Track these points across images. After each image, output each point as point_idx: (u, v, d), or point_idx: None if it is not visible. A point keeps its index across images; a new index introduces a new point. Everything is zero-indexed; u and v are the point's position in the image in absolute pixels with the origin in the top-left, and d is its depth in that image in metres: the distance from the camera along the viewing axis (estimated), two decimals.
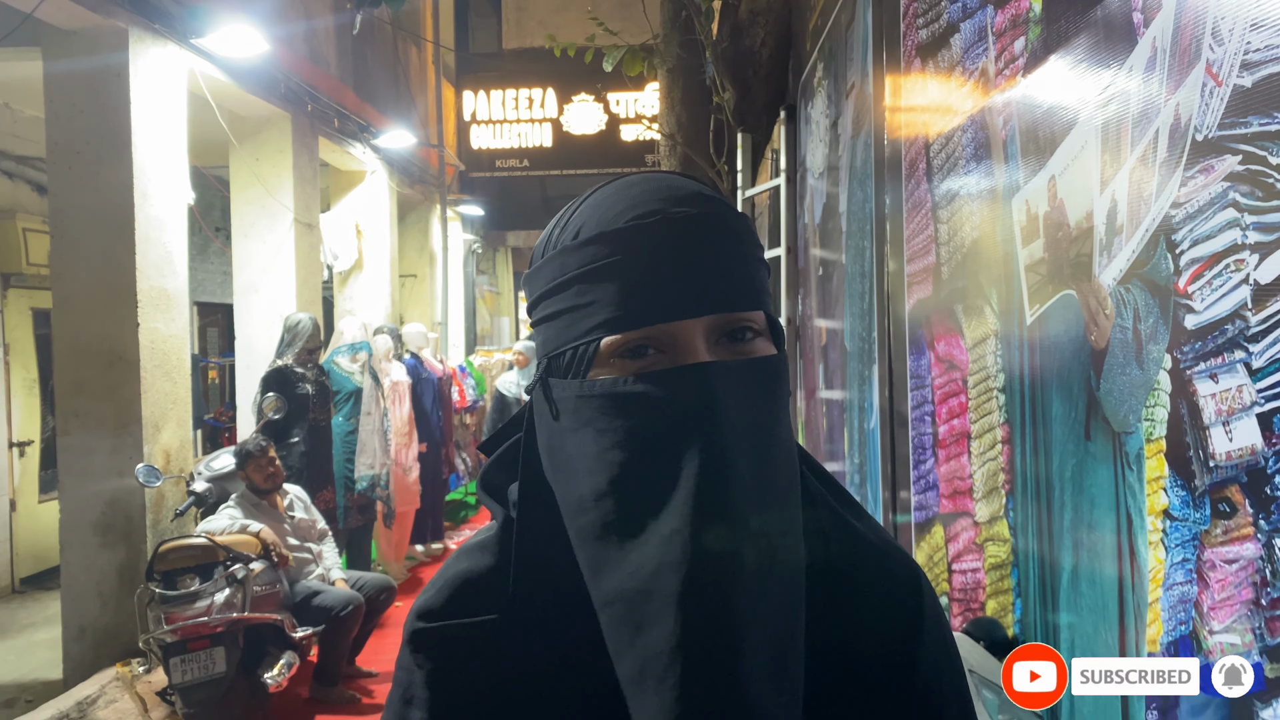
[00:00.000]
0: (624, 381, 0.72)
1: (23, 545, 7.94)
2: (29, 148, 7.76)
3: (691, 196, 0.76)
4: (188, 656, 4.17)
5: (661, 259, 0.72)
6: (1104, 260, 1.16)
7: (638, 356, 0.73)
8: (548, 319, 0.78)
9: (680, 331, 0.72)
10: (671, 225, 0.73)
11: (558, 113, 13.85)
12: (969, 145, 1.70)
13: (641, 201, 0.75)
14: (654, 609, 0.67)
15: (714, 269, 0.73)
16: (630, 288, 0.72)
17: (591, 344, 0.73)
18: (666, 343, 0.72)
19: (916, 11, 2.04)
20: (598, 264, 0.73)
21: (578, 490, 0.74)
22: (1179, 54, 0.98)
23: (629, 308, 0.72)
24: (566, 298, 0.75)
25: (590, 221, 0.76)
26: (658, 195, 0.75)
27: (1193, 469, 0.97)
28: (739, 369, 0.73)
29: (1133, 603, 1.11)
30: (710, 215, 0.74)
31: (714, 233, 0.74)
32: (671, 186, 0.77)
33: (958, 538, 1.84)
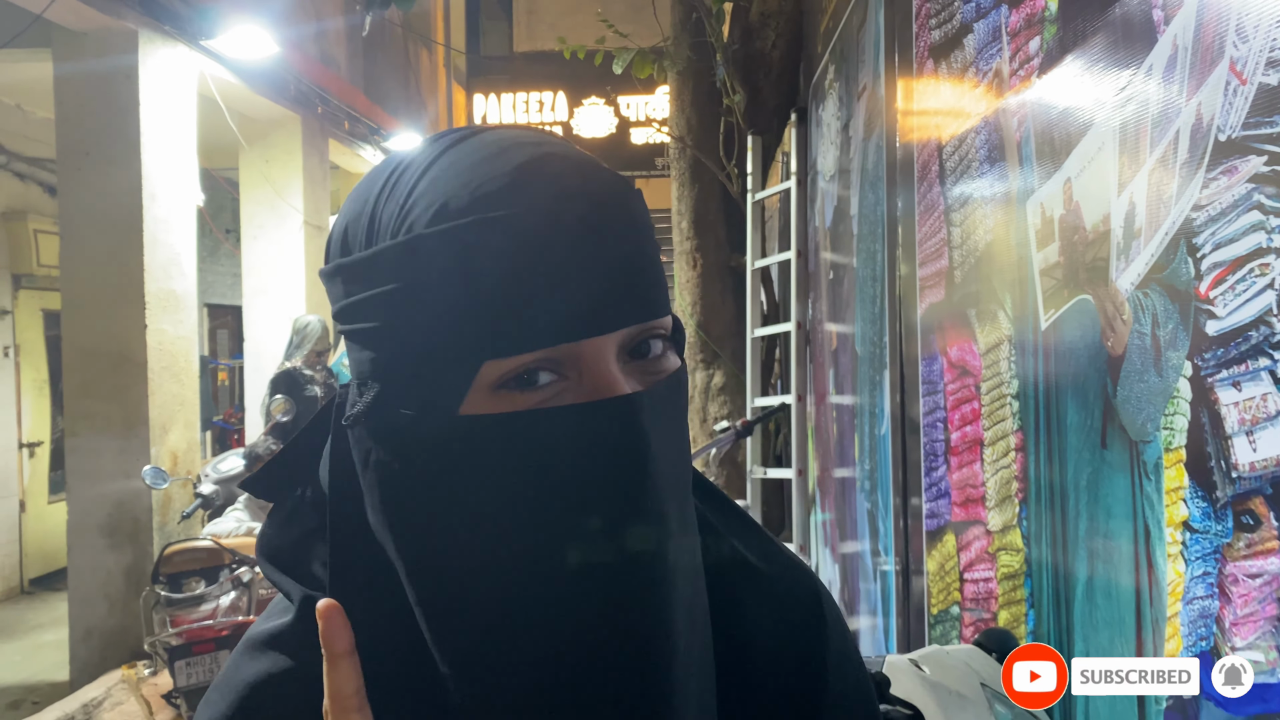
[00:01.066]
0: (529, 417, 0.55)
1: (32, 546, 7.96)
2: (40, 149, 7.78)
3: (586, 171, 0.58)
4: (193, 659, 4.16)
5: (565, 258, 0.54)
6: (1121, 264, 1.13)
7: (529, 386, 0.55)
8: (383, 332, 0.57)
9: (586, 351, 0.55)
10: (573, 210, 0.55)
11: (568, 116, 13.87)
12: (982, 147, 1.67)
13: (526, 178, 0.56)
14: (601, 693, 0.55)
15: (627, 269, 0.56)
16: (524, 296, 0.53)
17: (462, 372, 0.55)
18: (570, 366, 0.56)
19: (929, 12, 2.02)
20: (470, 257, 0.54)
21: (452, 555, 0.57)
22: (1201, 52, 0.95)
23: (522, 323, 0.53)
24: (420, 306, 0.55)
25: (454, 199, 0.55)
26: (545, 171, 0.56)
27: (1214, 480, 0.94)
28: (660, 395, 0.59)
29: (1150, 616, 1.08)
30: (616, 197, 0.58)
31: (624, 221, 0.57)
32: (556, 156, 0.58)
33: (970, 546, 1.82)
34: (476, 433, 0.55)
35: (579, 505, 0.54)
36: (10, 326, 7.82)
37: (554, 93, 13.90)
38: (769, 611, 0.70)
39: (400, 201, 0.57)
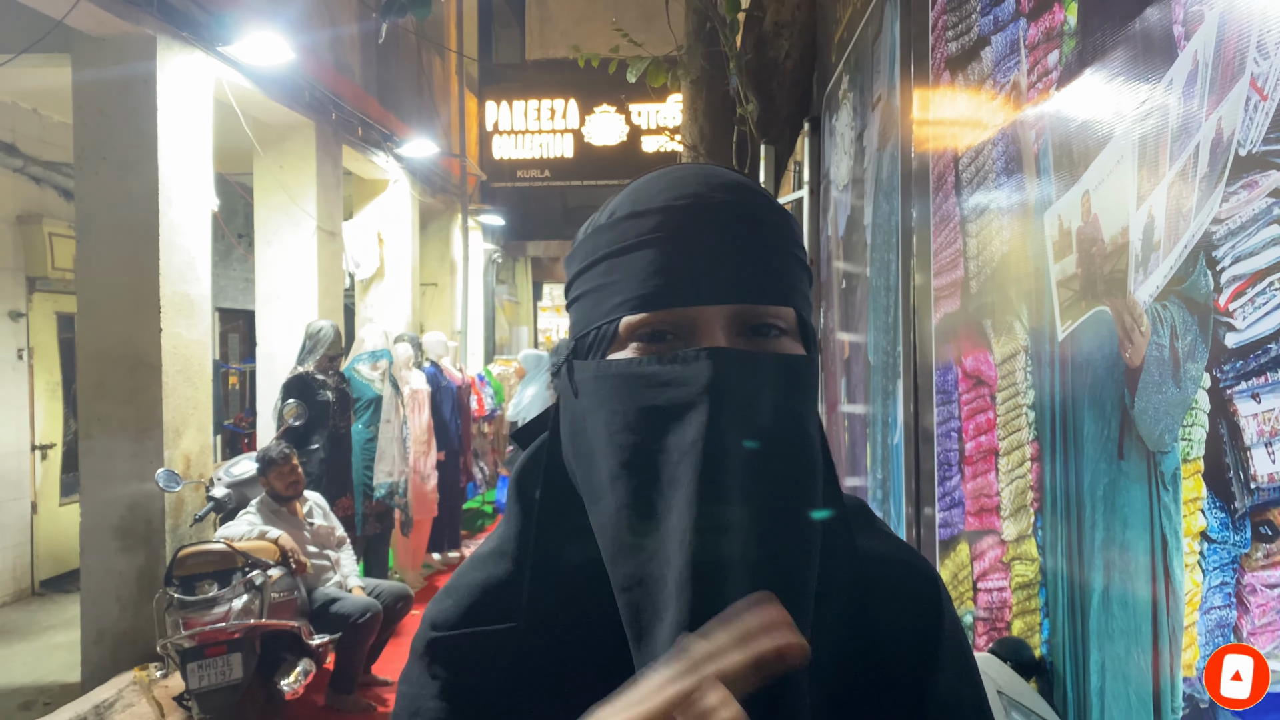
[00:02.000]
0: (637, 362, 0.71)
1: (43, 548, 7.99)
2: (56, 153, 7.83)
3: (731, 185, 0.74)
4: (205, 662, 4.18)
5: (690, 242, 0.71)
6: (1140, 276, 1.14)
7: (656, 340, 0.71)
8: (577, 300, 0.77)
9: (700, 317, 0.70)
10: (705, 209, 0.71)
11: (579, 124, 13.89)
12: (999, 159, 1.68)
13: (678, 185, 0.74)
14: (664, 596, 0.66)
15: (744, 258, 0.71)
16: (655, 268, 0.71)
17: (612, 324, 0.72)
18: (686, 328, 0.71)
19: (946, 25, 2.03)
20: (626, 242, 0.72)
21: (595, 474, 0.73)
22: (1222, 67, 0.96)
23: (652, 288, 0.70)
24: (594, 276, 0.74)
25: (626, 202, 0.75)
26: (696, 180, 0.74)
27: (1233, 490, 0.95)
28: (754, 359, 0.70)
29: (1167, 625, 1.09)
30: (747, 204, 0.73)
31: (749, 222, 0.72)
32: (712, 174, 0.75)
33: (983, 556, 1.82)
34: (606, 371, 0.72)
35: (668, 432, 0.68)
36: (24, 329, 7.86)
37: (565, 100, 13.92)
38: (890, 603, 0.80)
39: (602, 209, 0.79)
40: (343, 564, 5.28)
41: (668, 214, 0.71)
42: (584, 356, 0.75)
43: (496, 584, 0.79)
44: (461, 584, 0.81)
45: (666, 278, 0.70)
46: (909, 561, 0.84)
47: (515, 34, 17.35)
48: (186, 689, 4.27)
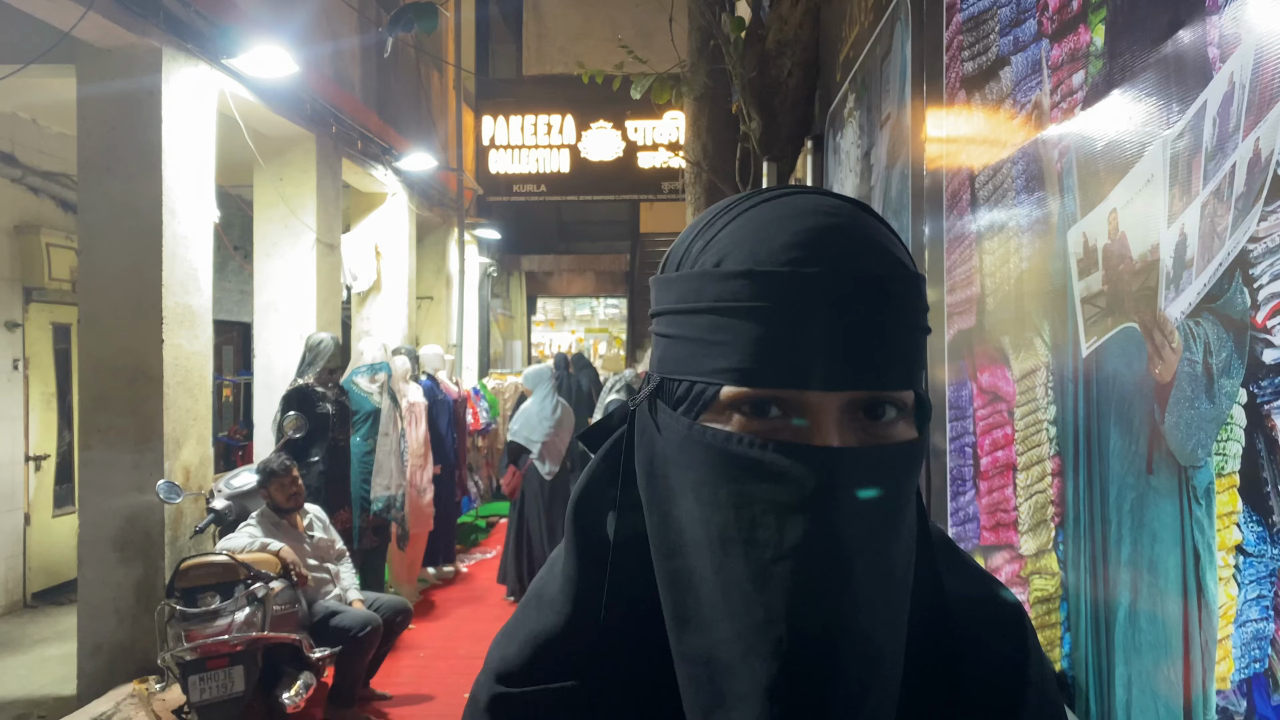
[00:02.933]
0: (739, 441, 0.65)
1: (36, 560, 7.95)
2: (54, 163, 7.83)
3: (861, 246, 0.66)
4: (206, 675, 4.16)
5: (810, 318, 0.63)
6: (1171, 293, 1.16)
7: (760, 414, 0.65)
8: (670, 338, 0.71)
9: (814, 401, 0.64)
10: (833, 283, 0.64)
11: (576, 139, 13.94)
12: (1020, 177, 1.70)
13: (802, 242, 0.65)
14: (740, 690, 0.63)
15: (867, 339, 0.64)
16: (769, 340, 0.64)
17: (712, 387, 0.66)
18: (795, 409, 0.65)
19: (961, 45, 2.05)
20: (740, 304, 0.65)
21: (673, 530, 0.69)
22: (1259, 88, 0.98)
23: (763, 362, 0.64)
24: (696, 326, 0.67)
25: (739, 250, 0.67)
26: (822, 239, 0.66)
27: (1270, 504, 0.96)
28: (871, 457, 0.65)
29: (1199, 639, 1.10)
30: (881, 276, 0.65)
31: (879, 297, 0.65)
32: (838, 229, 0.67)
33: (999, 570, 1.83)
34: (702, 439, 0.67)
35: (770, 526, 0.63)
36: (20, 339, 7.84)
37: (562, 116, 13.97)
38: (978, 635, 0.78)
39: (705, 241, 0.71)
40: (342, 577, 5.27)
41: (791, 281, 0.64)
42: (672, 404, 0.70)
43: (560, 635, 0.76)
44: (524, 632, 0.78)
45: (783, 354, 0.63)
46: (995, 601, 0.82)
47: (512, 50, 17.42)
48: (188, 701, 4.25)
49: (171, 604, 4.30)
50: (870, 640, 0.63)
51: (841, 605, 0.62)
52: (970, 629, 0.78)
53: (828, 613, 0.62)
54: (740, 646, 0.63)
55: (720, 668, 0.64)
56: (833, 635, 0.61)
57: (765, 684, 0.61)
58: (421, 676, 5.92)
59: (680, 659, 0.67)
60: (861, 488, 0.64)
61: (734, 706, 0.63)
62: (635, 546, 0.73)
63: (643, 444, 0.74)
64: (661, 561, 0.70)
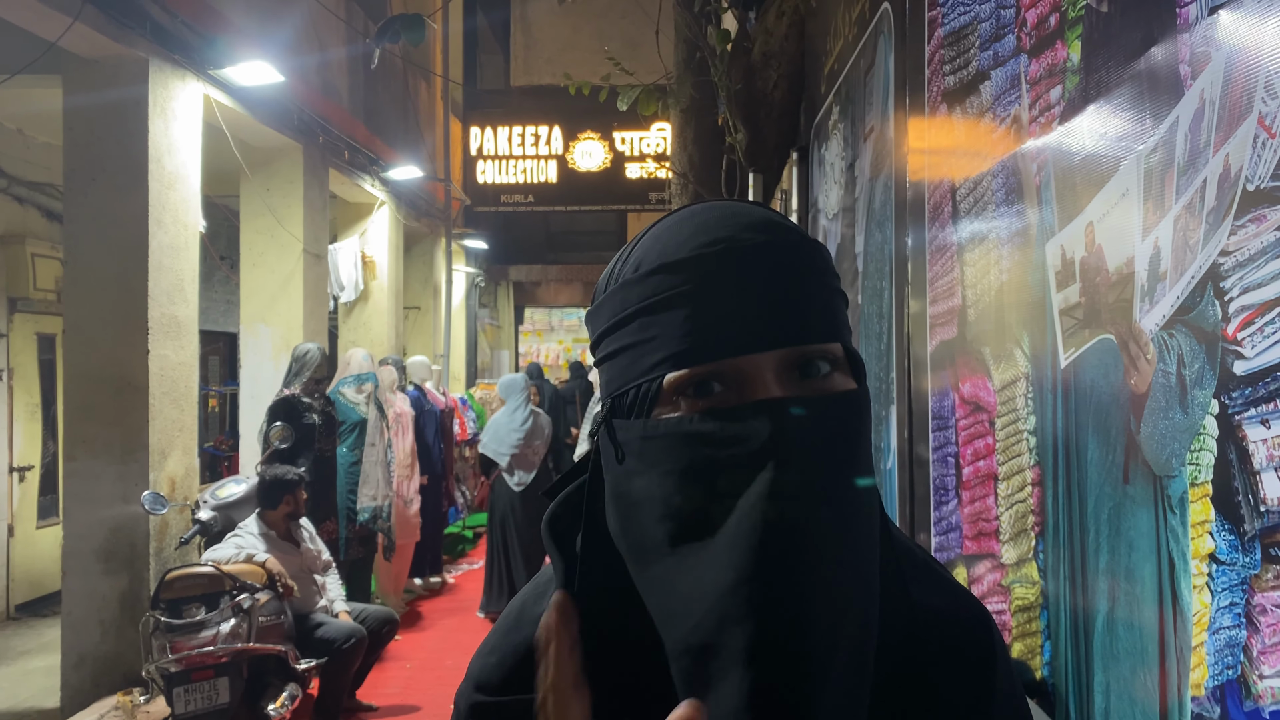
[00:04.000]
0: (689, 420, 0.67)
1: (19, 571, 7.91)
2: (39, 174, 7.81)
3: (760, 223, 0.71)
4: (191, 686, 4.15)
5: (728, 289, 0.67)
6: (1145, 305, 1.17)
7: (704, 394, 0.67)
8: (609, 357, 0.73)
9: (749, 366, 0.67)
10: (739, 253, 0.68)
11: (563, 149, 13.97)
12: (999, 190, 1.72)
13: (706, 229, 0.70)
14: (720, 665, 0.63)
15: (785, 299, 0.68)
16: (695, 320, 0.67)
17: (655, 381, 0.69)
18: (734, 378, 0.67)
19: (943, 59, 2.07)
20: (659, 296, 0.69)
21: (644, 537, 0.69)
22: (1229, 106, 1.00)
23: (693, 342, 0.67)
24: (628, 333, 0.71)
25: (652, 252, 0.72)
26: (724, 222, 0.71)
27: (1242, 513, 0.97)
28: (813, 405, 0.67)
29: (1175, 646, 1.11)
30: (781, 241, 0.70)
31: (784, 260, 0.69)
32: (738, 213, 0.72)
33: (981, 579, 1.85)
34: (655, 431, 0.69)
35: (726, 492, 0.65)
36: (4, 350, 7.81)
37: (549, 127, 14.00)
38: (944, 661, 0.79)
39: (624, 259, 0.75)
40: (329, 589, 5.26)
41: (701, 262, 0.68)
42: (624, 415, 0.72)
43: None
44: (507, 643, 0.80)
45: (709, 329, 0.67)
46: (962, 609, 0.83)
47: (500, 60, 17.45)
48: (172, 713, 4.23)
49: (156, 615, 4.28)
50: (837, 587, 0.64)
51: (806, 556, 0.63)
52: (938, 637, 0.79)
53: (793, 564, 0.63)
54: (715, 619, 0.64)
55: (702, 651, 0.64)
56: (800, 585, 0.63)
57: (743, 648, 0.62)
58: (408, 688, 5.91)
59: (672, 661, 0.68)
60: (809, 435, 0.66)
61: (720, 682, 0.63)
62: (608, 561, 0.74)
63: (608, 470, 0.75)
64: (640, 573, 0.71)
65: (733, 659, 0.62)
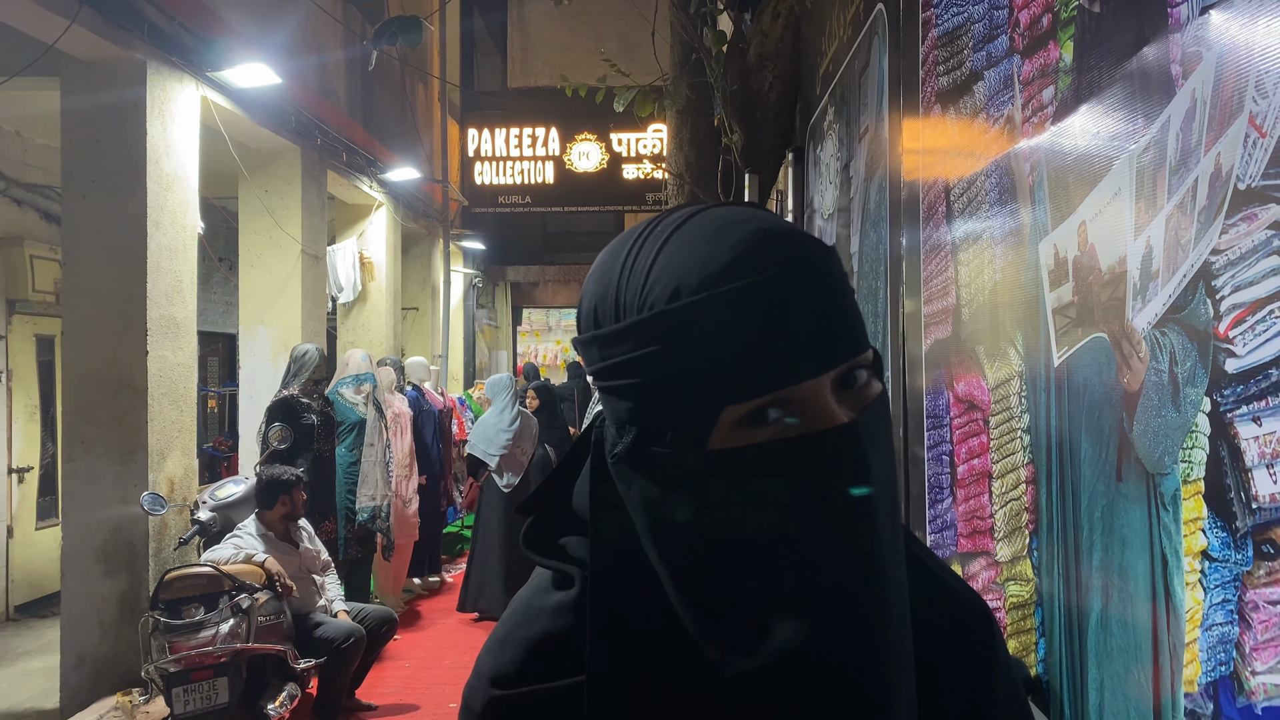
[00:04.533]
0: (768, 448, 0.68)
1: (18, 572, 7.91)
2: (38, 176, 7.81)
3: (794, 239, 0.71)
4: (190, 686, 4.15)
5: (781, 318, 0.67)
6: (1138, 304, 1.18)
7: (761, 422, 0.67)
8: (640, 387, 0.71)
9: (808, 392, 0.67)
10: (786, 280, 0.68)
11: (560, 151, 13.98)
12: (993, 190, 1.72)
13: (744, 253, 0.68)
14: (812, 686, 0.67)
15: (830, 317, 0.69)
16: (751, 351, 0.66)
17: (710, 414, 0.68)
18: (794, 404, 0.67)
19: (937, 59, 2.08)
20: (710, 328, 0.67)
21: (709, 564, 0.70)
22: (1220, 105, 1.00)
23: (753, 372, 0.66)
24: (669, 363, 0.68)
25: (688, 279, 0.69)
26: (759, 245, 0.69)
27: (1234, 510, 0.98)
28: (870, 419, 0.70)
29: (1168, 643, 1.12)
30: (817, 260, 0.70)
31: (824, 278, 0.69)
32: (767, 231, 0.70)
33: (976, 577, 1.85)
34: (722, 463, 0.68)
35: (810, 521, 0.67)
36: (3, 351, 7.81)
37: (546, 128, 14.00)
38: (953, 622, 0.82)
39: (640, 281, 0.71)
40: (327, 588, 5.27)
41: (750, 292, 0.67)
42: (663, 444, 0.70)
43: (560, 639, 0.77)
44: (519, 636, 0.79)
45: (767, 359, 0.66)
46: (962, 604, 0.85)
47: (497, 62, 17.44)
48: (171, 714, 4.23)
49: (155, 616, 4.29)
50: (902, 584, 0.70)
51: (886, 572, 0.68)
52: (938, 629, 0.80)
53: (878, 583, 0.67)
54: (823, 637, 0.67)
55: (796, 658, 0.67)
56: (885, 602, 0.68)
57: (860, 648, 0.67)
58: (407, 687, 5.91)
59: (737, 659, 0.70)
60: (873, 450, 0.69)
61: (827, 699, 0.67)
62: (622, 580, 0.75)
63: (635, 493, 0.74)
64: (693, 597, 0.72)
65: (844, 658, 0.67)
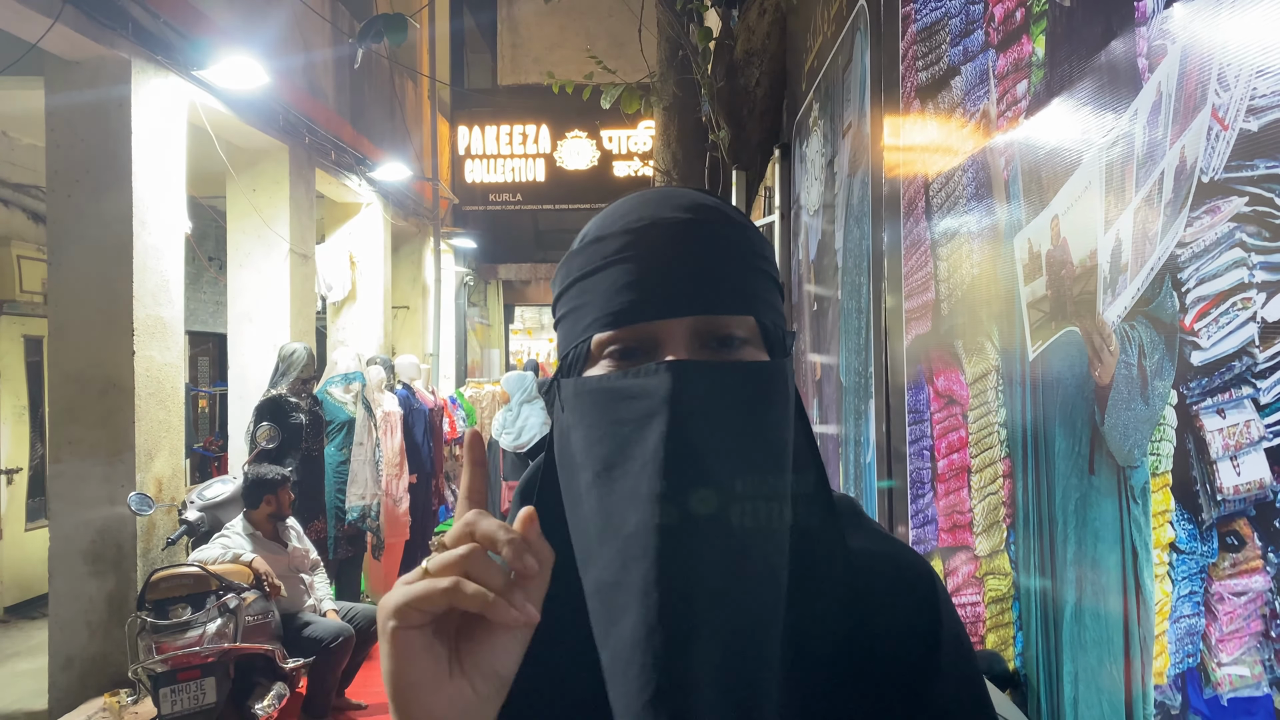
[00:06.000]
0: (604, 378, 0.75)
1: (8, 574, 7.88)
2: (24, 175, 7.78)
3: (690, 204, 0.78)
4: (178, 687, 4.14)
5: (649, 260, 0.74)
6: (1108, 298, 1.18)
7: (626, 357, 0.75)
8: (559, 321, 0.82)
9: (663, 332, 0.74)
10: (663, 228, 0.75)
11: (551, 148, 13.97)
12: (970, 185, 1.73)
13: (640, 207, 0.78)
14: (622, 601, 0.69)
15: (700, 272, 0.74)
16: (619, 288, 0.75)
17: (585, 343, 0.76)
18: (651, 343, 0.74)
19: (916, 55, 2.08)
20: (593, 265, 0.77)
21: (573, 484, 0.77)
22: (1184, 98, 1.00)
23: (616, 306, 0.74)
24: (569, 299, 0.79)
25: (594, 227, 0.80)
26: (657, 202, 0.78)
27: (1200, 502, 0.98)
28: (715, 370, 0.73)
29: (1138, 635, 1.12)
30: (704, 221, 0.76)
31: (705, 237, 0.76)
32: (673, 195, 0.80)
33: (957, 571, 1.86)
34: (578, 388, 0.76)
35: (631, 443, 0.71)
36: None
37: (537, 125, 14.00)
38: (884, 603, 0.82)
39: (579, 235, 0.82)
40: (316, 588, 5.26)
41: (629, 235, 0.76)
42: (566, 375, 0.79)
43: None
44: None
45: (629, 296, 0.74)
46: (903, 559, 0.86)
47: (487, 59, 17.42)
48: (159, 714, 4.23)
49: (142, 616, 4.28)
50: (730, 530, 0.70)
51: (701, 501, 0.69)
52: (880, 595, 0.82)
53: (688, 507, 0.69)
54: (619, 560, 0.70)
55: (609, 589, 0.70)
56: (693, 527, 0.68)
57: (640, 585, 0.68)
58: None
59: (589, 601, 0.73)
60: (708, 396, 0.72)
61: (622, 617, 0.69)
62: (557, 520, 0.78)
63: (555, 425, 0.83)
64: (570, 516, 0.77)
65: (630, 594, 0.68)
